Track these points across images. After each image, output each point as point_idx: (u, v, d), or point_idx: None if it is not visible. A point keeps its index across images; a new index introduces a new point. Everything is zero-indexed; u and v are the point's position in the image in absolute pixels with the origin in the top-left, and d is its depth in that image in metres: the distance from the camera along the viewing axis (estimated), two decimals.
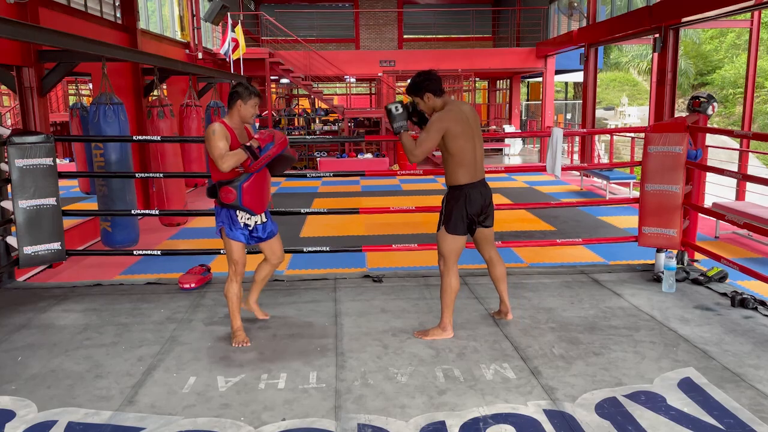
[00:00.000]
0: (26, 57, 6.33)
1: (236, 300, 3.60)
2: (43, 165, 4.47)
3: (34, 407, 2.89)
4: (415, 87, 3.53)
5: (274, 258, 3.84)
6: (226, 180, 3.49)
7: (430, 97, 3.51)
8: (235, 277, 3.58)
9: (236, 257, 3.57)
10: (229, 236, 3.54)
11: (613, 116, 26.97)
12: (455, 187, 3.56)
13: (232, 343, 3.57)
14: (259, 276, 3.89)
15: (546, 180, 13.13)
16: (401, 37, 21.19)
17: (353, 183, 13.00)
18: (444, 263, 3.62)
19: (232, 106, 3.47)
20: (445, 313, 3.64)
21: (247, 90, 3.46)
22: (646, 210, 4.74)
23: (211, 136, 3.37)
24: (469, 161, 3.52)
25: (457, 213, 3.56)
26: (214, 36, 15.84)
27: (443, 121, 3.44)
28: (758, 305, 4.05)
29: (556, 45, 15.85)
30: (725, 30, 26.46)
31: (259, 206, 3.60)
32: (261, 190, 3.59)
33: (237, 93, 3.45)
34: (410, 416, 2.76)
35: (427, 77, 3.51)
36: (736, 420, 2.68)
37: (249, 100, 3.46)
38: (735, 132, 4.69)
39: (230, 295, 3.58)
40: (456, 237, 3.59)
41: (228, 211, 3.55)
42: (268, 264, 3.86)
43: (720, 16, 9.34)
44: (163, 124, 8.01)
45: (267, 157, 3.46)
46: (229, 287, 3.58)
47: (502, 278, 3.85)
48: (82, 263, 6.51)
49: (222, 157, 3.37)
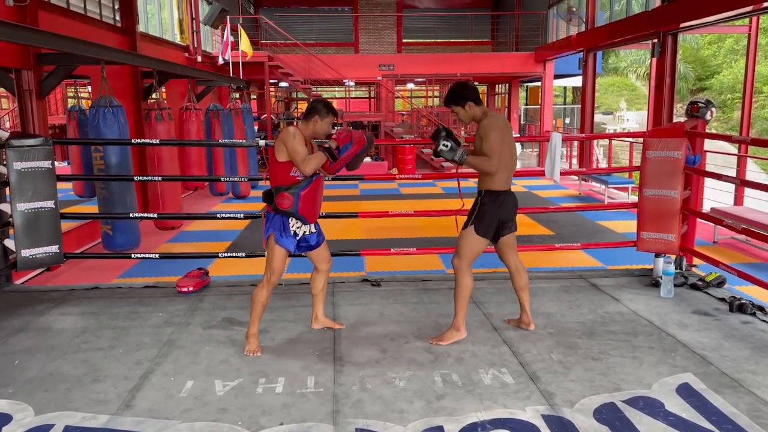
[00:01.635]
0: (25, 60, 6.33)
1: (260, 307, 3.53)
2: (41, 168, 4.46)
3: (31, 411, 2.88)
4: (456, 97, 3.54)
5: (324, 264, 3.79)
6: (284, 186, 3.45)
7: (472, 105, 3.53)
8: (267, 285, 3.52)
9: (276, 265, 3.51)
10: (278, 242, 3.49)
11: (612, 121, 27.04)
12: (492, 191, 3.58)
13: (245, 350, 3.53)
14: (316, 289, 3.84)
15: (545, 184, 13.14)
16: (400, 42, 21.22)
17: (352, 186, 13.00)
18: (460, 262, 3.60)
19: (309, 120, 3.48)
20: (459, 313, 3.64)
21: (326, 108, 3.49)
22: (644, 215, 4.74)
23: (291, 140, 3.37)
24: (508, 168, 3.57)
25: (490, 216, 3.57)
26: (213, 39, 15.86)
27: (496, 127, 3.48)
28: (756, 310, 4.06)
29: (555, 50, 15.89)
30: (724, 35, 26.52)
31: (312, 215, 3.57)
32: (316, 199, 3.56)
33: (316, 109, 3.47)
34: (408, 421, 2.75)
35: (466, 86, 3.54)
36: (734, 425, 2.68)
37: (326, 118, 3.48)
38: (733, 137, 4.71)
39: (257, 300, 3.52)
40: (481, 239, 3.59)
41: (281, 218, 3.50)
42: (320, 273, 3.81)
43: (718, 22, 9.37)
44: (161, 127, 8.01)
45: (347, 157, 3.46)
46: (259, 293, 3.52)
47: (526, 287, 3.84)
48: (80, 266, 6.50)
49: (305, 160, 3.39)
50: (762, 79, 23.60)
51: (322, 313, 3.90)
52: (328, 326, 3.88)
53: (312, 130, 3.50)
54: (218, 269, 5.74)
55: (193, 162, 10.50)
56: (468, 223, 3.63)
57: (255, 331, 3.57)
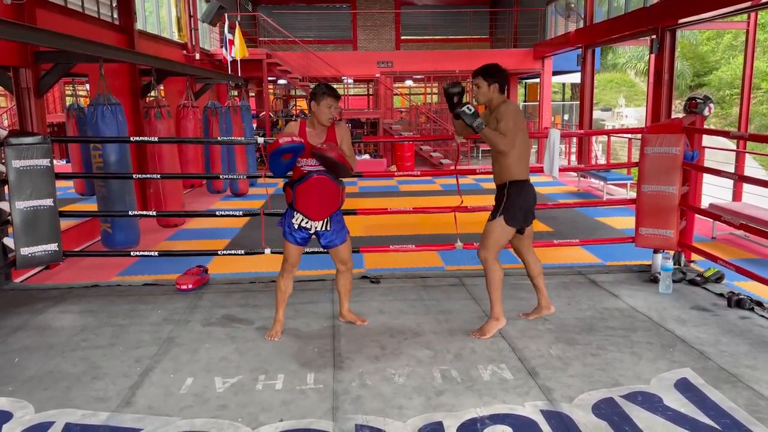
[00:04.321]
0: (23, 58, 6.32)
1: (280, 294, 3.71)
2: (40, 166, 4.46)
3: (31, 408, 2.89)
4: (488, 72, 3.53)
5: (340, 265, 3.80)
6: (291, 180, 3.57)
7: (496, 88, 3.53)
8: (283, 273, 3.70)
9: (286, 255, 3.68)
10: (283, 235, 3.64)
11: (610, 117, 27.03)
12: (517, 181, 3.59)
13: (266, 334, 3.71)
14: (341, 288, 3.88)
15: (543, 181, 13.13)
16: (399, 39, 21.19)
17: (351, 183, 12.93)
18: (487, 253, 3.60)
19: (311, 110, 3.49)
20: (496, 303, 3.67)
21: (321, 89, 3.44)
22: (643, 211, 4.75)
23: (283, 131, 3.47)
24: (524, 157, 3.59)
25: (519, 205, 3.59)
26: (211, 37, 15.83)
27: (515, 113, 3.49)
28: (755, 306, 4.07)
29: (554, 46, 15.88)
30: (722, 31, 26.52)
31: (313, 212, 3.55)
32: (317, 196, 3.52)
33: (312, 94, 3.46)
34: (408, 417, 2.76)
35: (501, 69, 3.55)
36: (732, 420, 2.69)
37: (322, 100, 3.44)
38: (732, 133, 4.71)
39: (277, 287, 3.72)
40: (509, 229, 3.60)
41: (289, 211, 3.62)
42: (339, 274, 3.83)
43: (717, 18, 9.36)
44: (160, 125, 7.99)
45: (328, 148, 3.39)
46: (279, 280, 3.71)
47: (542, 273, 3.92)
48: (79, 264, 6.49)
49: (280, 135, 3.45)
50: (760, 75, 23.61)
51: (346, 310, 3.94)
52: (351, 321, 3.93)
53: (316, 117, 3.51)
54: (217, 267, 5.75)
55: (189, 160, 10.48)
56: (497, 214, 3.61)
57: (278, 316, 3.74)
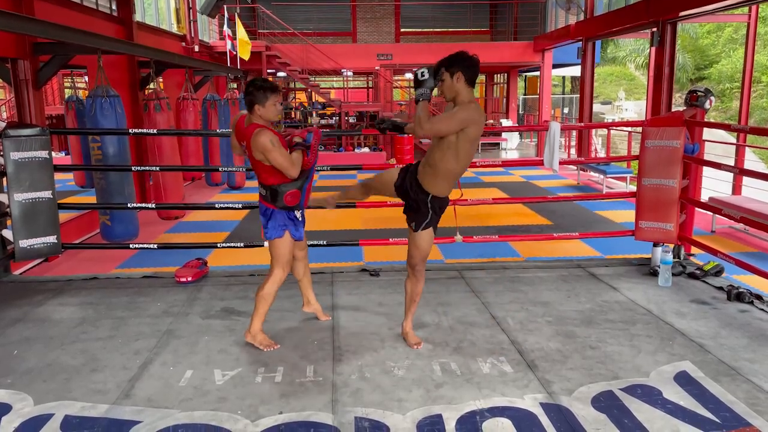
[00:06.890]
0: (21, 49, 6.29)
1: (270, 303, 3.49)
2: (38, 158, 4.45)
3: (30, 401, 2.89)
4: (451, 62, 3.05)
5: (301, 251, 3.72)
6: (287, 183, 3.32)
7: (461, 79, 3.05)
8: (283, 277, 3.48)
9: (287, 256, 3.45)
10: (294, 236, 3.43)
11: (611, 111, 26.98)
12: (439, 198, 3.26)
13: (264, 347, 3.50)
14: (299, 274, 3.76)
15: (543, 174, 13.13)
16: (398, 31, 21.10)
17: (350, 177, 12.95)
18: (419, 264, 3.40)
19: (252, 111, 3.24)
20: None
21: (262, 90, 3.20)
22: (642, 204, 4.74)
23: (272, 148, 3.15)
24: (461, 173, 3.23)
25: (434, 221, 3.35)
26: (210, 29, 15.77)
27: (473, 117, 3.02)
28: (754, 299, 4.07)
29: (554, 39, 15.82)
30: (723, 24, 26.42)
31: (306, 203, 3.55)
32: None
33: (252, 97, 3.21)
34: (407, 409, 2.76)
35: (465, 57, 3.05)
36: (731, 413, 2.70)
37: (267, 101, 3.22)
38: (732, 126, 4.70)
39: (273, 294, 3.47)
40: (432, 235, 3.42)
41: (290, 213, 3.42)
42: (298, 260, 3.72)
43: (717, 11, 9.33)
44: (159, 117, 7.97)
45: (316, 143, 3.34)
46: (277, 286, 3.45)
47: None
48: (78, 257, 6.49)
49: (294, 163, 3.24)
50: (761, 69, 23.55)
51: (313, 298, 3.88)
52: (316, 313, 3.86)
53: (262, 118, 3.26)
54: (217, 259, 5.75)
55: (190, 152, 10.47)
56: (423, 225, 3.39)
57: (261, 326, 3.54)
